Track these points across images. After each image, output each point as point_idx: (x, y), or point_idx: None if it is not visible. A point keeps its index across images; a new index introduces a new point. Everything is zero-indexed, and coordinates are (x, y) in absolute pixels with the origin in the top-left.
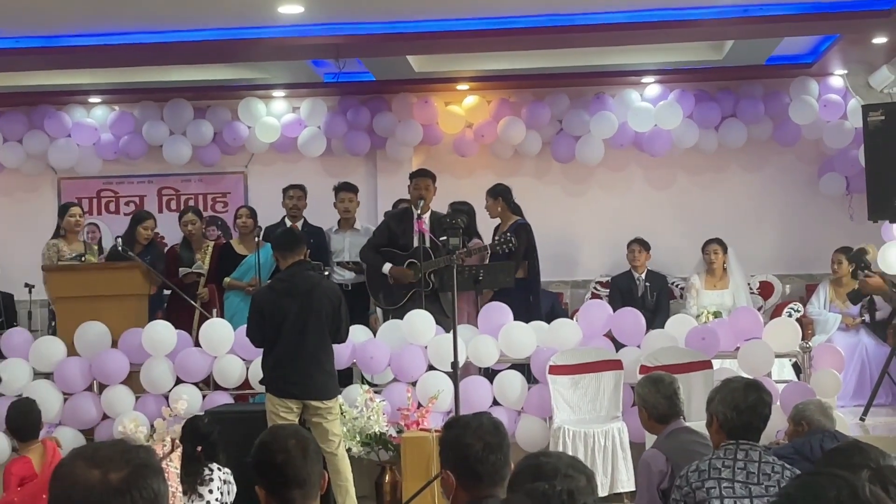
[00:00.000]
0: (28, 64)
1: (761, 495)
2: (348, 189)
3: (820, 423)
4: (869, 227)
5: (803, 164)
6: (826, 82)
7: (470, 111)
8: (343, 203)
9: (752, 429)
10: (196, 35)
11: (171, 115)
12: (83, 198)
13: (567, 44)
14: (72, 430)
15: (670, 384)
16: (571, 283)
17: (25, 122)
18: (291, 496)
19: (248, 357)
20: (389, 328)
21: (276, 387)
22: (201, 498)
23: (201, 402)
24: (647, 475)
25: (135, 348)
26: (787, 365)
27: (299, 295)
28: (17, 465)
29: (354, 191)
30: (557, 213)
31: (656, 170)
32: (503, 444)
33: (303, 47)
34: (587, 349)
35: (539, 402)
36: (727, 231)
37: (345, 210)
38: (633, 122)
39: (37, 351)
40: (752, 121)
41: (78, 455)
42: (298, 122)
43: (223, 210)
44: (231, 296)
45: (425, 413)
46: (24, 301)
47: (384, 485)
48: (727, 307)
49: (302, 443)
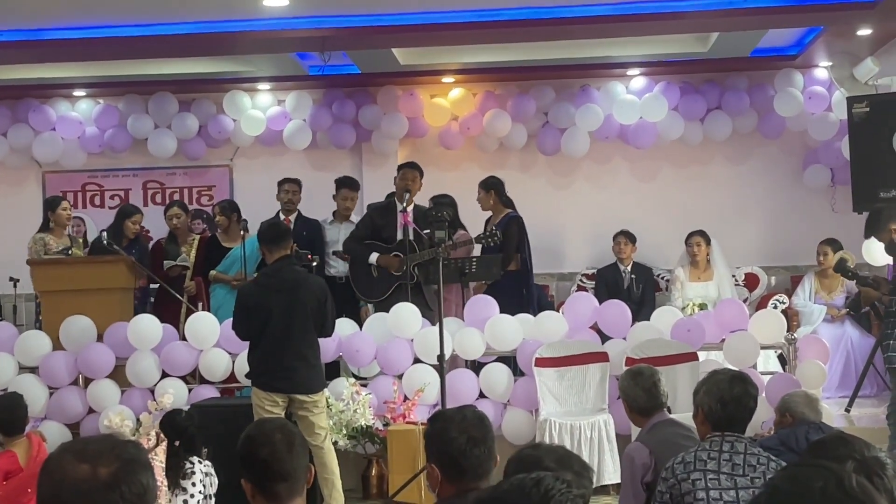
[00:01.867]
0: (12, 57)
1: (747, 487)
2: (351, 186)
3: (804, 415)
4: (853, 218)
5: (788, 156)
6: (811, 74)
7: (455, 104)
8: (345, 201)
9: (737, 421)
10: (181, 28)
11: (155, 108)
12: (68, 191)
13: (552, 36)
14: (57, 425)
15: (650, 377)
16: (557, 275)
17: (9, 116)
18: (277, 490)
19: (233, 351)
20: (375, 321)
21: (262, 381)
22: (185, 491)
23: (187, 395)
24: (631, 468)
25: (120, 342)
26: (772, 356)
27: (285, 290)
28: (2, 459)
29: (356, 188)
30: (543, 206)
31: (642, 162)
32: (487, 438)
33: (288, 40)
34: (573, 341)
35: (525, 395)
36: (713, 223)
37: (345, 209)
38: (619, 114)
39: (22, 345)
40: (737, 113)
41: (67, 450)
42: (284, 115)
43: (208, 203)
44: (217, 289)
45: (412, 406)
46: (8, 295)
47: (371, 478)
48: (712, 299)
49: (288, 436)
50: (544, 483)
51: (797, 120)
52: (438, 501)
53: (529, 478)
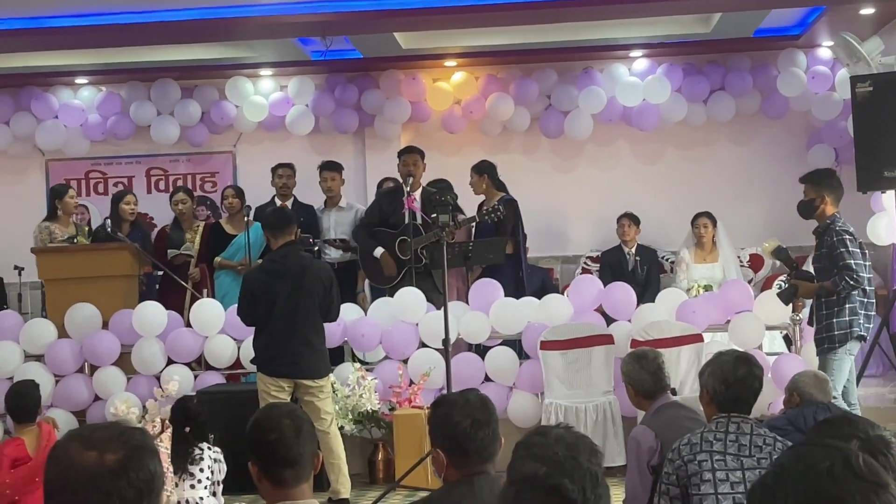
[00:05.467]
0: (13, 45)
1: (753, 467)
2: (331, 168)
3: (811, 395)
4: (858, 198)
5: (792, 136)
6: (814, 54)
7: (458, 87)
8: (326, 182)
9: (742, 402)
10: (182, 14)
11: (158, 95)
12: (71, 179)
13: (554, 18)
14: (64, 412)
15: (654, 359)
16: (562, 258)
17: (12, 104)
18: (283, 475)
19: (239, 337)
20: (380, 306)
21: (268, 366)
22: (192, 476)
23: (193, 382)
24: (637, 452)
25: (125, 329)
26: (777, 337)
27: (291, 276)
28: (9, 446)
29: (338, 169)
30: (547, 189)
31: (645, 144)
32: (491, 420)
33: (289, 25)
34: (578, 324)
35: (530, 378)
36: (716, 204)
37: (328, 189)
38: (622, 96)
39: (27, 333)
40: (741, 94)
41: (74, 437)
42: (286, 100)
43: (212, 190)
44: (222, 275)
45: (417, 390)
46: (13, 283)
47: (377, 462)
48: (717, 280)
49: (296, 422)
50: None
51: (800, 100)
52: (445, 485)
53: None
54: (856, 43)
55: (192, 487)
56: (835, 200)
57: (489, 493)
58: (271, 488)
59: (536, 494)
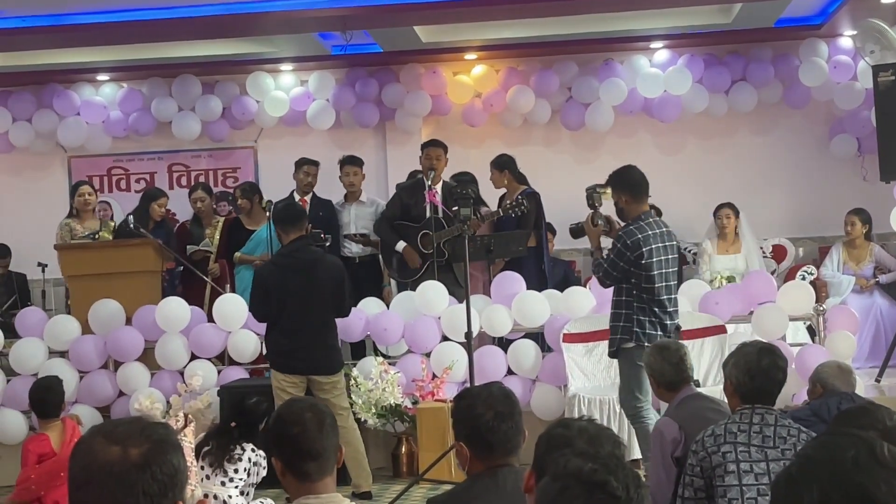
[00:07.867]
0: (36, 43)
1: (777, 459)
2: (353, 162)
3: (834, 385)
4: (881, 187)
5: (814, 125)
6: (835, 44)
7: (478, 80)
8: (348, 177)
9: (765, 393)
10: (203, 10)
11: (179, 90)
12: (94, 176)
13: (575, 10)
14: (88, 408)
15: (676, 351)
16: (584, 250)
17: (34, 102)
18: (307, 468)
19: (261, 332)
20: (403, 299)
21: (280, 362)
22: (225, 474)
23: (216, 377)
24: (661, 444)
25: (149, 325)
26: (801, 328)
27: (303, 270)
28: (34, 442)
29: (359, 164)
30: (568, 181)
31: (666, 135)
32: (514, 413)
33: (309, 20)
34: (601, 316)
35: (553, 371)
36: (739, 195)
37: (350, 184)
38: (643, 88)
39: (51, 330)
40: (762, 84)
41: (97, 432)
42: (307, 95)
43: (234, 185)
44: (242, 270)
45: (440, 384)
46: (37, 280)
47: (401, 456)
48: (740, 271)
49: (318, 416)
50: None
51: (822, 89)
52: (468, 478)
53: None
54: (885, 27)
55: (222, 484)
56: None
57: (513, 486)
58: (295, 482)
59: (581, 490)
